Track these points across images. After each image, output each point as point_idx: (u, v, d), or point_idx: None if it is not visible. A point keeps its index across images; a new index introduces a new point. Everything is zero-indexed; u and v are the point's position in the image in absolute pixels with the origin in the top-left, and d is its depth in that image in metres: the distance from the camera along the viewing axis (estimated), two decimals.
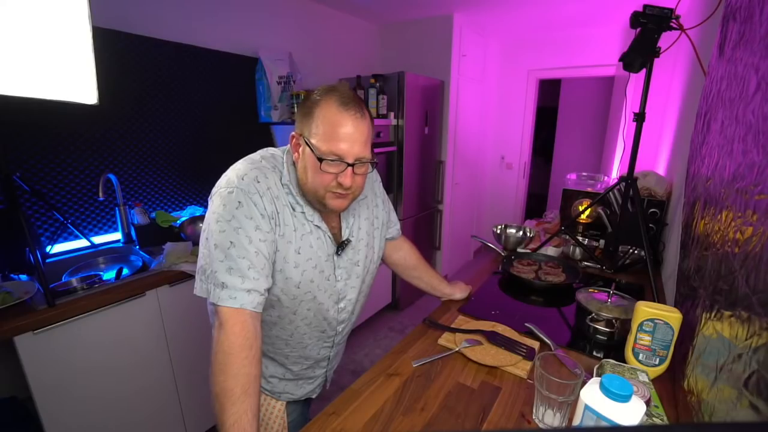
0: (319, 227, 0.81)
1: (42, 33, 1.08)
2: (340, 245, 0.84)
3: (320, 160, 0.71)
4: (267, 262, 0.72)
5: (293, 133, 0.76)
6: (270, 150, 0.82)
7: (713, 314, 0.66)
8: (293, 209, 0.77)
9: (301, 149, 0.75)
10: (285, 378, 0.93)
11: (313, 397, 1.02)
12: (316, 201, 0.77)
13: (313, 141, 0.72)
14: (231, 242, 0.69)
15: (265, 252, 0.72)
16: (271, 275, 0.74)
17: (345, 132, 0.70)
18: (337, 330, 0.92)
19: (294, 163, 0.79)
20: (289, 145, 0.82)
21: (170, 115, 1.91)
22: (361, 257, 0.90)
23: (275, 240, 0.74)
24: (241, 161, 0.78)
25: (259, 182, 0.73)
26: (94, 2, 1.16)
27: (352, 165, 0.72)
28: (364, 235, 0.90)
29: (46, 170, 1.54)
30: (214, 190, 0.75)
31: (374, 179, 0.98)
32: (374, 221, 0.94)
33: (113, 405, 1.34)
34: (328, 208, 0.77)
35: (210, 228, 0.71)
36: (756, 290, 0.50)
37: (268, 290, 0.75)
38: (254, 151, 0.82)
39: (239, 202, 0.70)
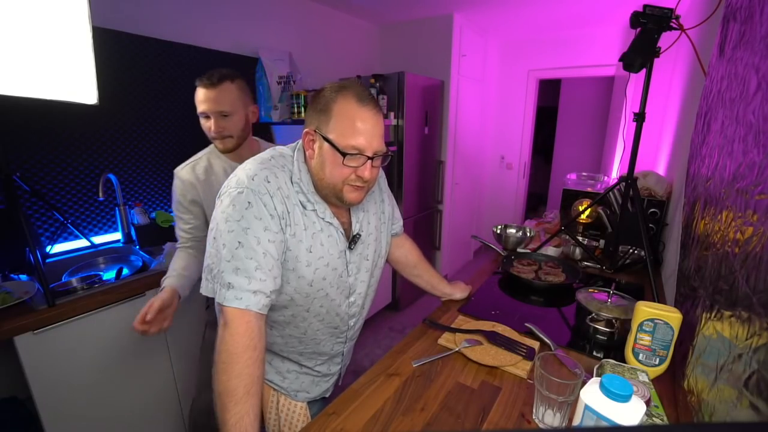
0: (330, 224, 0.81)
1: (42, 33, 1.08)
2: (352, 240, 0.85)
3: (343, 154, 0.71)
4: (275, 262, 0.72)
5: (306, 129, 0.76)
6: (279, 149, 0.82)
7: (713, 314, 0.66)
8: (304, 207, 0.77)
9: (316, 145, 0.75)
10: (302, 372, 0.93)
11: (327, 396, 1.02)
12: (333, 195, 0.77)
13: (331, 136, 0.72)
14: (239, 242, 0.69)
15: (274, 253, 0.72)
16: (279, 276, 0.74)
17: (364, 127, 0.72)
18: (348, 324, 0.93)
19: (305, 161, 0.79)
20: (298, 143, 0.82)
21: (170, 115, 1.91)
22: (370, 251, 0.91)
23: (285, 240, 0.74)
24: (250, 160, 0.77)
25: (269, 182, 0.73)
26: (94, 2, 1.16)
27: (372, 158, 0.74)
28: (372, 230, 0.91)
29: (46, 170, 1.54)
30: (222, 189, 0.75)
31: (380, 175, 0.98)
32: (381, 216, 0.95)
33: (113, 405, 1.34)
34: (345, 202, 0.78)
35: (218, 228, 0.71)
36: (756, 290, 0.50)
37: (277, 292, 0.75)
38: None
39: (249, 202, 0.70)
